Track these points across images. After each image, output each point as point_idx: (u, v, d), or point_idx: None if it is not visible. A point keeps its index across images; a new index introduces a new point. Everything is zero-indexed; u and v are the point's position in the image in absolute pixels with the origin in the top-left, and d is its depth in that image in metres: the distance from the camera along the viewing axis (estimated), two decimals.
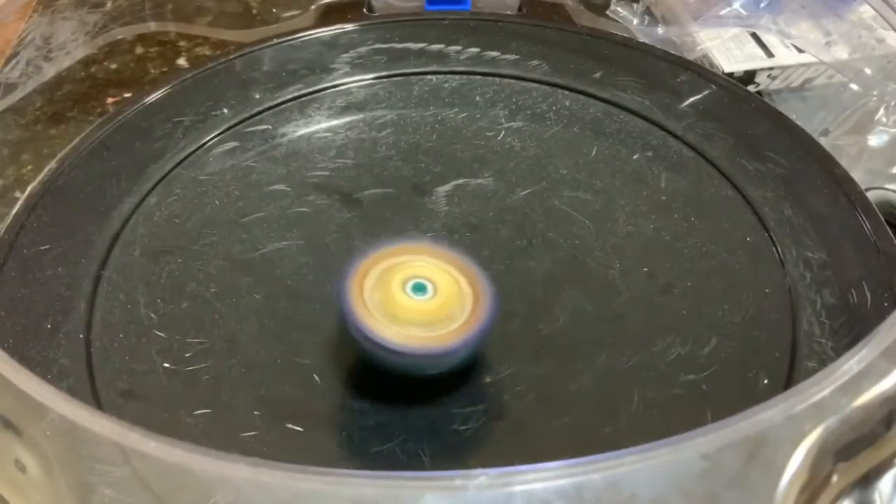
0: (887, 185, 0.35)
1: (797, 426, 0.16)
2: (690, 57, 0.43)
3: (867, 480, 0.17)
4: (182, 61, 0.48)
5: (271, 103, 0.37)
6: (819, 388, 0.17)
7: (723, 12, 0.45)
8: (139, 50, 0.48)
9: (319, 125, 0.36)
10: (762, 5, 0.44)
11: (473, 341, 0.24)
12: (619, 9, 0.47)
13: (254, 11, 0.51)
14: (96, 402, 0.26)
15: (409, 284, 0.25)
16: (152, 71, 0.47)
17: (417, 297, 0.25)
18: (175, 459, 0.17)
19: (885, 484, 0.17)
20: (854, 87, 0.41)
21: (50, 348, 0.27)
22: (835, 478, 0.17)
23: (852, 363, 0.17)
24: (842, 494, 0.17)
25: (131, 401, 0.26)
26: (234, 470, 0.16)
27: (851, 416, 0.17)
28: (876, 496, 0.17)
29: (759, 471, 0.16)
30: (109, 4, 0.45)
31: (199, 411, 0.26)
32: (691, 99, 0.36)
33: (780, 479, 0.16)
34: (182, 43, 0.49)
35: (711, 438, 0.16)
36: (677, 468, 0.16)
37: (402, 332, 0.24)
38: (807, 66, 0.43)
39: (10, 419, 0.17)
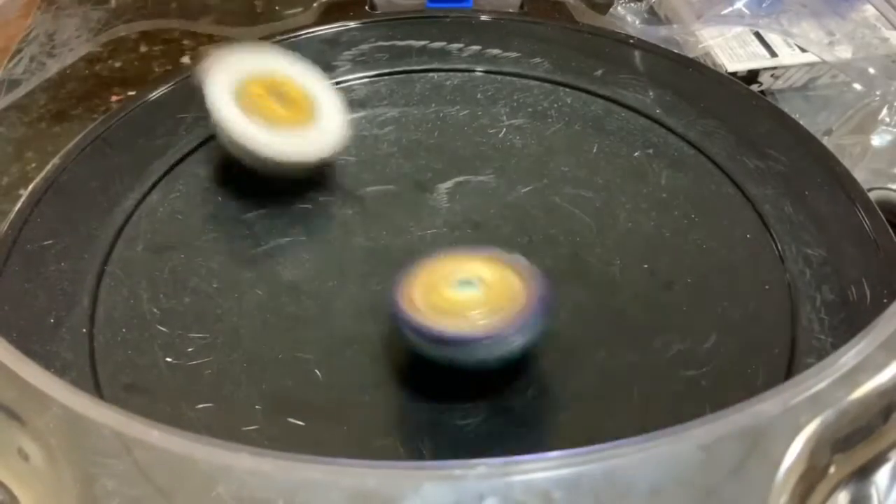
0: (890, 185, 0.35)
1: (795, 418, 0.17)
2: (693, 56, 0.43)
3: (864, 472, 0.17)
4: (186, 59, 0.48)
5: None
6: (817, 381, 0.17)
7: (726, 11, 0.45)
8: (143, 48, 0.48)
9: None
10: (765, 5, 0.44)
11: (524, 326, 0.25)
12: (622, 8, 0.48)
13: (258, 10, 0.51)
14: (99, 395, 0.26)
15: (457, 282, 0.25)
16: (157, 69, 0.47)
17: (466, 292, 0.25)
18: (177, 450, 0.17)
19: (881, 476, 0.17)
20: (857, 86, 0.41)
21: (53, 342, 0.27)
22: (832, 469, 0.17)
23: (850, 356, 0.18)
24: (839, 485, 0.17)
25: (134, 395, 0.26)
26: (237, 460, 0.16)
27: (849, 409, 0.17)
28: (872, 488, 0.17)
29: (756, 462, 0.16)
30: (113, 2, 0.45)
31: (202, 405, 0.26)
32: (692, 97, 0.36)
33: (777, 470, 0.16)
34: (186, 41, 0.49)
35: (709, 429, 0.16)
36: (675, 459, 0.16)
37: (455, 322, 0.24)
38: (810, 65, 0.43)
39: (14, 409, 0.18)
